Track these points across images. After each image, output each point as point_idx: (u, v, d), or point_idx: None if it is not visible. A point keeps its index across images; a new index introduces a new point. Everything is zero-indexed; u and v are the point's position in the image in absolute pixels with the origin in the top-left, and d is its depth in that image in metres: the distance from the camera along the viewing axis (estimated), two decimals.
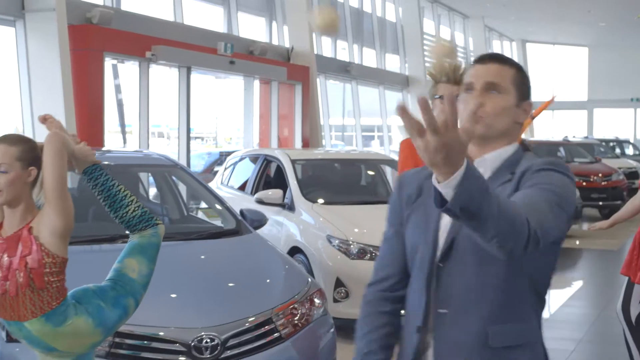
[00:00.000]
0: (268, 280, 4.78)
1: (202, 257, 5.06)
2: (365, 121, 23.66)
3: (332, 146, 21.44)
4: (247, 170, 9.42)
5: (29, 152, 3.04)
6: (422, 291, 2.20)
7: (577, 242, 13.26)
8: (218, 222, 5.67)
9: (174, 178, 6.36)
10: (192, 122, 14.61)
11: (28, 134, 11.09)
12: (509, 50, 38.25)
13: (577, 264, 11.60)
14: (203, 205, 6.01)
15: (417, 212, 2.26)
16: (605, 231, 5.46)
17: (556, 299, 8.75)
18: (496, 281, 2.11)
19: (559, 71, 39.45)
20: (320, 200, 7.76)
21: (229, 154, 14.16)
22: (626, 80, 36.73)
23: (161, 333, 4.08)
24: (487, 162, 2.19)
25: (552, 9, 28.63)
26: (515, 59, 25.84)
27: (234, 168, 9.74)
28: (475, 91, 2.19)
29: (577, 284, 9.84)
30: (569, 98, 38.32)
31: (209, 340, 4.05)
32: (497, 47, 36.36)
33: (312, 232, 7.30)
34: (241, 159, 9.82)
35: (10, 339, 3.98)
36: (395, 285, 2.32)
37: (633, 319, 5.33)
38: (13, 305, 3.00)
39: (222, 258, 5.08)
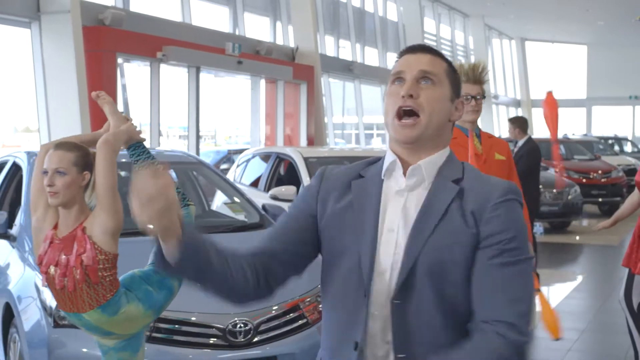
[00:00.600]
0: None
1: None
2: (365, 119, 23.93)
3: (335, 144, 21.72)
4: (259, 168, 9.71)
5: (83, 158, 3.33)
6: (360, 321, 1.89)
7: (577, 238, 13.55)
8: (241, 217, 5.97)
9: (194, 174, 6.64)
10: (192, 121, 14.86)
11: (43, 133, 11.39)
12: (508, 48, 38.54)
13: (578, 259, 11.90)
14: (227, 200, 6.29)
15: (346, 213, 1.95)
16: (595, 230, 5.72)
17: (559, 291, 9.05)
18: (453, 318, 1.87)
19: (557, 69, 39.72)
20: None
21: (236, 152, 14.48)
22: (624, 78, 37.00)
23: (194, 318, 4.37)
24: (421, 169, 1.94)
25: (551, 8, 28.84)
26: (515, 57, 26.16)
27: (246, 166, 10.03)
28: (407, 82, 1.94)
29: (580, 278, 10.12)
30: (567, 96, 38.65)
31: (242, 325, 4.35)
32: (496, 45, 36.63)
33: None
34: (253, 157, 10.11)
35: (56, 324, 4.28)
36: (263, 259, 1.97)
37: (635, 307, 5.61)
38: (72, 299, 3.30)
39: None
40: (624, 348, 6.35)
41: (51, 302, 4.30)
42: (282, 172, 9.44)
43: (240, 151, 14.55)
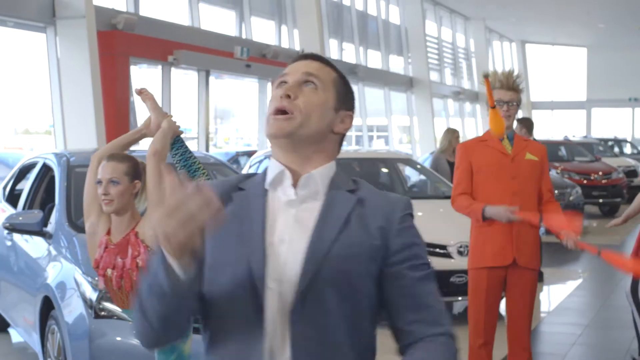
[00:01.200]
0: None
1: None
2: (367, 121, 24.19)
3: None
4: None
5: (133, 168, 3.64)
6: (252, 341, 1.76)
7: (578, 238, 13.79)
8: None
9: (214, 174, 6.92)
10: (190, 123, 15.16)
11: (58, 135, 11.68)
12: (508, 50, 38.84)
13: (580, 258, 12.17)
14: None
15: (229, 224, 1.79)
16: (607, 228, 5.98)
17: (563, 289, 9.34)
18: (354, 330, 1.80)
19: (558, 71, 39.98)
20: None
21: (244, 153, 14.77)
22: (624, 80, 37.26)
23: None
24: (316, 178, 1.86)
25: (552, 11, 29.05)
26: (515, 59, 26.33)
27: (258, 166, 10.31)
28: (289, 83, 1.87)
29: (582, 276, 10.41)
30: (567, 98, 38.94)
31: None
32: (497, 47, 36.93)
33: None
34: (265, 158, 10.40)
35: (97, 315, 4.56)
36: None
37: None
38: (130, 297, 3.60)
39: None
40: (626, 342, 6.63)
41: (91, 295, 4.59)
42: None
43: (247, 153, 14.88)
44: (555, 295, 9.02)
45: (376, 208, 1.84)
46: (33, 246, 5.60)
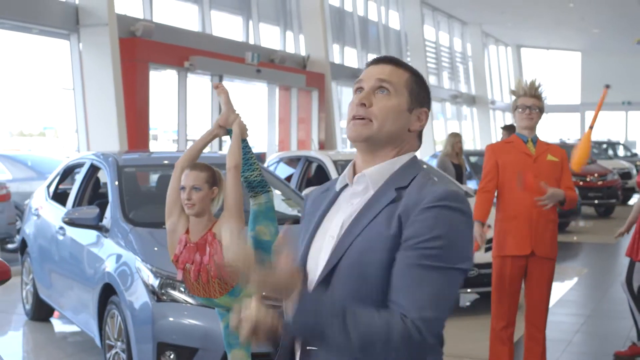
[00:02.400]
0: None
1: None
2: None
3: (342, 148, 22.47)
4: (285, 171, 10.53)
5: (212, 176, 4.18)
6: None
7: (575, 238, 14.28)
8: (295, 212, 6.77)
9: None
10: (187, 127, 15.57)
11: (82, 138, 12.18)
12: (504, 54, 39.40)
13: (579, 255, 12.73)
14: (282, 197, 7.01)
15: (303, 225, 2.09)
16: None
17: (565, 283, 9.88)
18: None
19: (552, 75, 40.48)
20: None
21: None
22: (618, 84, 37.59)
23: None
24: (366, 178, 1.98)
25: (548, 16, 29.51)
26: (510, 63, 26.72)
27: (275, 169, 10.84)
28: (365, 91, 1.99)
29: (582, 271, 10.92)
30: (561, 101, 39.48)
31: None
32: (492, 51, 37.46)
33: None
34: (280, 161, 10.94)
35: (158, 299, 5.10)
36: None
37: (635, 290, 6.45)
38: (205, 288, 4.15)
39: None
40: (626, 330, 7.18)
41: (153, 281, 5.13)
42: (312, 174, 10.28)
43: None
44: (558, 289, 9.53)
45: (407, 201, 1.90)
46: (89, 239, 6.12)
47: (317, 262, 1.95)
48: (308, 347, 1.90)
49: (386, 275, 1.86)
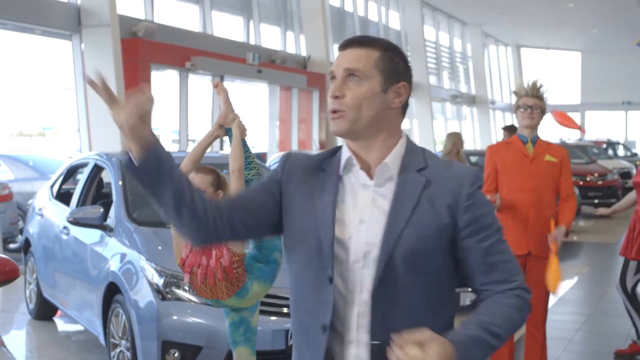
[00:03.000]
0: None
1: None
2: None
3: None
4: None
5: (217, 180, 4.23)
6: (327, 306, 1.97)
7: (575, 237, 14.35)
8: None
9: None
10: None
11: (84, 138, 12.23)
12: (504, 54, 39.44)
13: (579, 255, 12.77)
14: None
15: (308, 202, 2.04)
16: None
17: (565, 282, 9.93)
18: (431, 300, 1.99)
19: (552, 75, 40.53)
20: None
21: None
22: (617, 84, 37.85)
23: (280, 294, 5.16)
24: (388, 167, 2.01)
25: (547, 17, 29.53)
26: (510, 63, 26.66)
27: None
28: (337, 81, 2.00)
29: (582, 271, 10.98)
30: (562, 101, 39.52)
31: None
32: (492, 51, 37.51)
33: None
34: None
35: (163, 297, 5.14)
36: (224, 208, 2.03)
37: (629, 289, 6.50)
38: (212, 290, 4.19)
39: None
40: (626, 329, 7.23)
41: (157, 280, 5.18)
42: None
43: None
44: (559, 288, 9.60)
45: (444, 187, 1.98)
46: (93, 239, 6.16)
47: (349, 248, 1.97)
48: (372, 342, 1.95)
49: (448, 258, 1.99)
